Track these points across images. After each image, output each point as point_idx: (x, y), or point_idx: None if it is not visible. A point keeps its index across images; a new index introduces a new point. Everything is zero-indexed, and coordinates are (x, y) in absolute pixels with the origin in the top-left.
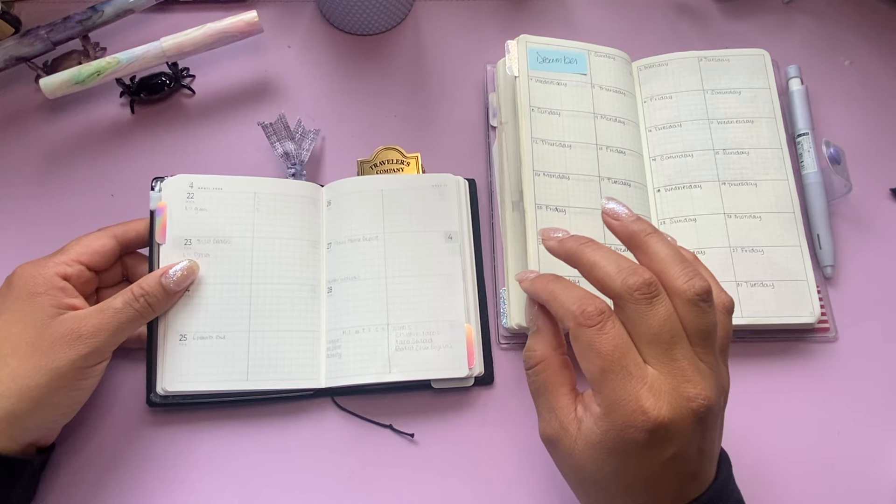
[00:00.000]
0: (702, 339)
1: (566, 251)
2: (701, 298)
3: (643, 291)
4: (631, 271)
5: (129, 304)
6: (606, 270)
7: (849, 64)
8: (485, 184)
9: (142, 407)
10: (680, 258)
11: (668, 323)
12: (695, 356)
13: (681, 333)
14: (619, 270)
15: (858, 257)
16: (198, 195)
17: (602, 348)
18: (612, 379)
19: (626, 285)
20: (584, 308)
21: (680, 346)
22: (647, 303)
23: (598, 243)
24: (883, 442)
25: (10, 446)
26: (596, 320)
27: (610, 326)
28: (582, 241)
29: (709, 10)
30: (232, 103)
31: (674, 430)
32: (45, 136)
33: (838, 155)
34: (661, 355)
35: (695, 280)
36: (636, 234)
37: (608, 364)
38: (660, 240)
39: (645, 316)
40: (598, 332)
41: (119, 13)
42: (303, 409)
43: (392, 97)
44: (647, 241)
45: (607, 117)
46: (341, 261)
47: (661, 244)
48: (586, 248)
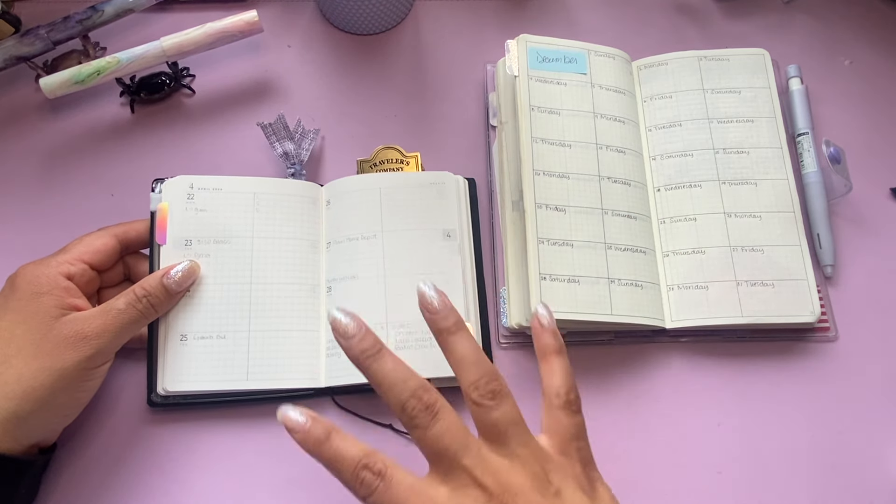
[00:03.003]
0: (496, 435)
1: (538, 346)
2: (484, 396)
3: (418, 414)
4: (410, 394)
5: (132, 304)
6: (392, 396)
7: (849, 64)
8: (485, 183)
9: (142, 407)
10: (475, 359)
11: (452, 434)
12: (485, 459)
13: (463, 444)
14: (398, 393)
15: (858, 257)
16: (198, 196)
17: (389, 502)
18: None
19: (406, 411)
20: (361, 471)
21: (465, 456)
22: (424, 420)
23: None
24: (883, 442)
25: (13, 447)
26: (378, 479)
27: (392, 479)
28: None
29: (709, 9)
30: (232, 103)
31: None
32: (45, 136)
33: (838, 154)
34: (447, 473)
35: (481, 380)
36: (441, 331)
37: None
38: (461, 339)
39: (427, 434)
40: (385, 489)
41: (119, 13)
42: None
43: (392, 97)
44: (448, 340)
45: (607, 117)
46: (340, 260)
47: (462, 343)
48: (372, 363)
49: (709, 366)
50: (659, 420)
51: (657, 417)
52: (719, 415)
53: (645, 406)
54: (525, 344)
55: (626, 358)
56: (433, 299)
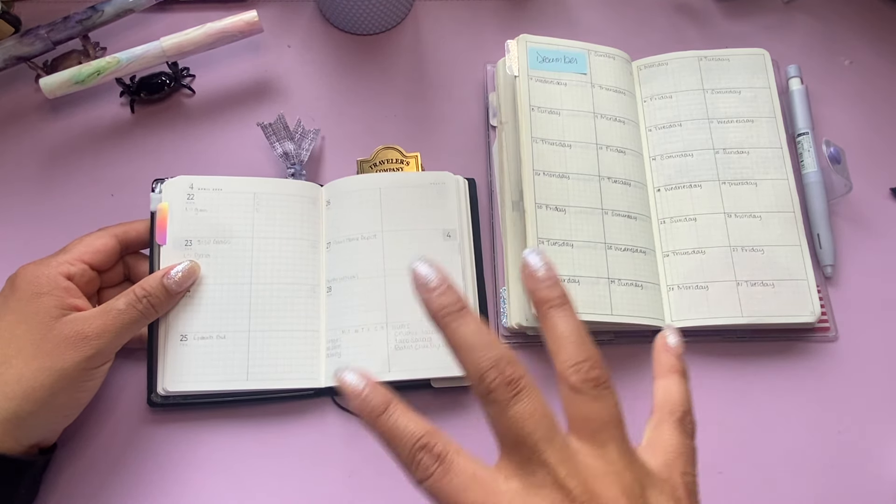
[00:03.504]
0: (591, 432)
1: (437, 309)
2: (589, 385)
3: (501, 389)
4: (492, 365)
5: (133, 304)
6: (466, 357)
7: (849, 64)
8: (485, 183)
9: (143, 407)
10: (579, 339)
11: (536, 418)
12: (572, 457)
13: (549, 433)
14: (475, 360)
15: (858, 257)
16: (198, 196)
17: (447, 490)
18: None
19: (484, 382)
20: (420, 453)
21: (549, 449)
22: (507, 402)
23: (467, 318)
24: (883, 442)
25: (13, 447)
26: (436, 464)
27: (453, 463)
28: (458, 308)
29: (709, 9)
30: (232, 103)
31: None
32: (45, 136)
33: (838, 154)
34: (523, 465)
35: (583, 364)
36: (543, 302)
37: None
38: (564, 315)
39: (504, 414)
40: (443, 474)
41: (119, 13)
42: (303, 408)
43: (392, 97)
44: (549, 313)
45: (607, 117)
46: (340, 260)
47: (564, 321)
48: (453, 325)
49: (709, 366)
50: None
51: None
52: (719, 415)
53: (645, 406)
54: (525, 344)
55: (626, 358)
56: (539, 267)
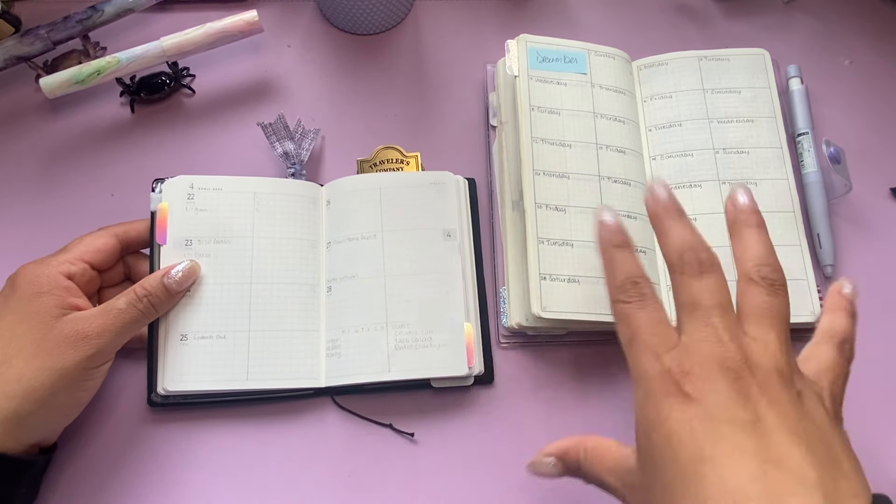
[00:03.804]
0: (759, 316)
1: (653, 212)
2: (766, 280)
3: (693, 265)
4: (689, 246)
5: (133, 304)
6: (671, 243)
7: (849, 64)
8: (485, 183)
9: (143, 407)
10: (768, 250)
11: (711, 292)
12: (740, 328)
13: (726, 304)
14: (681, 244)
15: (858, 257)
16: (198, 196)
17: (635, 320)
18: (637, 346)
19: (681, 258)
20: (624, 284)
21: (721, 314)
22: (694, 274)
23: (683, 215)
24: (883, 441)
25: (13, 447)
26: (633, 297)
27: (650, 304)
28: (671, 210)
29: (709, 9)
30: (232, 103)
31: (697, 389)
32: (45, 136)
33: (838, 154)
34: (697, 321)
35: (766, 266)
36: (737, 221)
37: (636, 332)
38: (758, 234)
39: (689, 285)
40: (637, 307)
41: (119, 13)
42: (303, 408)
43: (392, 97)
44: (742, 231)
45: (607, 117)
46: (340, 260)
47: (756, 237)
48: (667, 218)
49: None
50: None
51: None
52: None
53: None
54: (525, 344)
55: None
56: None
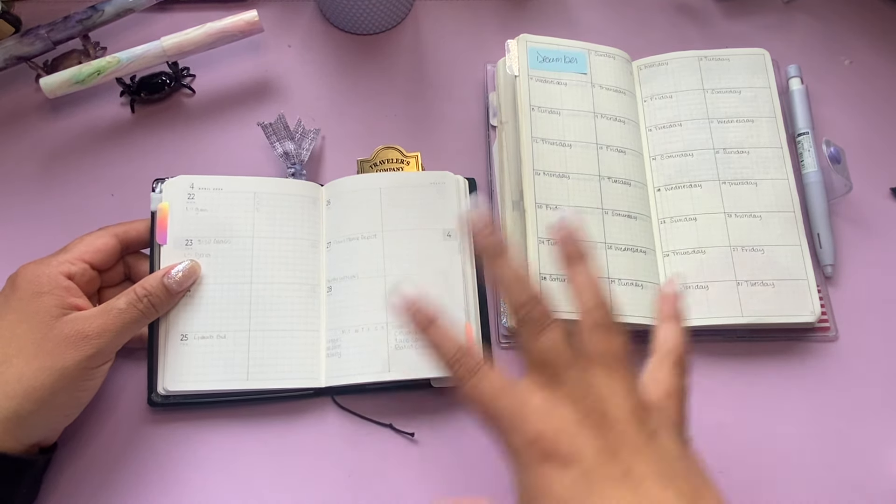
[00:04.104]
0: (602, 364)
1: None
2: (600, 327)
3: (532, 322)
4: (525, 303)
5: (133, 304)
6: (510, 296)
7: (849, 64)
8: (485, 183)
9: (143, 406)
10: (596, 291)
11: (550, 348)
12: (588, 380)
13: (564, 360)
14: (518, 298)
15: (858, 256)
16: (198, 196)
17: (481, 398)
18: (497, 423)
19: (519, 314)
20: (453, 361)
21: (568, 370)
22: (534, 333)
23: (510, 256)
24: (883, 442)
25: (14, 446)
26: (466, 372)
27: (483, 372)
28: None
29: (709, 9)
30: (232, 103)
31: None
32: (45, 136)
33: (838, 154)
34: (546, 381)
35: (596, 310)
36: (568, 256)
37: (490, 410)
38: (585, 272)
39: (531, 343)
40: (475, 383)
41: (119, 12)
42: (303, 408)
43: (392, 97)
44: (571, 271)
45: (607, 116)
46: (341, 260)
47: (585, 278)
48: (495, 262)
49: (709, 366)
50: None
51: None
52: (719, 415)
53: None
54: None
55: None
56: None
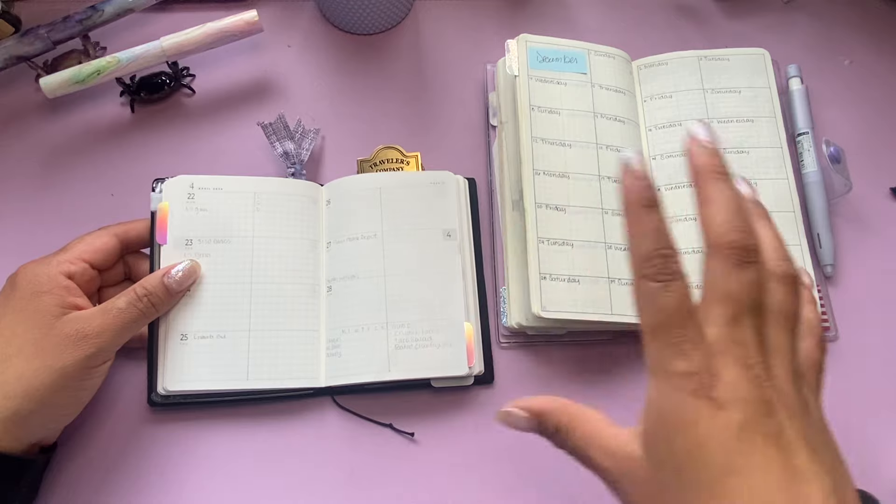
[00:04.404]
0: (777, 318)
1: (695, 167)
2: (786, 278)
3: (737, 253)
4: (737, 228)
5: (133, 304)
6: (714, 217)
7: (849, 64)
8: (485, 183)
9: (143, 406)
10: (780, 242)
11: (749, 289)
12: (763, 332)
13: (758, 306)
14: (726, 222)
15: (858, 256)
16: (198, 195)
17: (662, 305)
18: (661, 337)
19: (724, 239)
20: (651, 257)
21: (752, 318)
22: (736, 263)
23: (730, 180)
24: (883, 442)
25: (14, 446)
26: (662, 275)
27: (676, 287)
28: (718, 172)
29: (709, 9)
30: (232, 103)
31: (727, 396)
32: (45, 136)
33: (838, 154)
34: (728, 320)
35: (784, 261)
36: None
37: (662, 321)
38: (768, 224)
39: (729, 277)
40: (663, 289)
41: (119, 12)
42: (303, 408)
43: (392, 97)
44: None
45: (607, 116)
46: (341, 260)
47: (768, 227)
48: (713, 181)
49: None
50: None
51: None
52: None
53: None
54: (525, 344)
55: (625, 358)
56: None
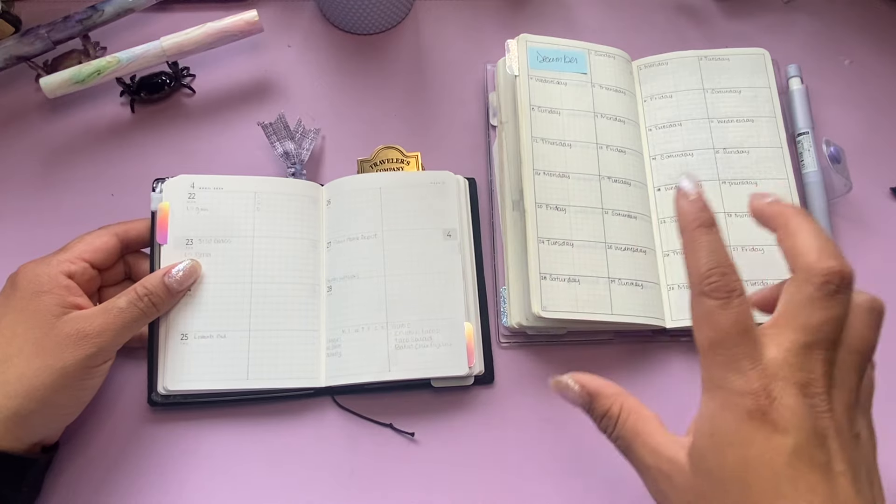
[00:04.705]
0: (852, 351)
1: (773, 212)
2: (875, 312)
3: (831, 281)
4: (831, 255)
5: (134, 303)
6: (808, 243)
7: (849, 63)
8: (485, 183)
9: (143, 406)
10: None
11: (832, 324)
12: (832, 365)
13: (836, 339)
14: (820, 249)
15: (858, 256)
16: (199, 195)
17: (720, 322)
18: (720, 354)
19: (818, 266)
20: (710, 275)
21: (827, 349)
22: (826, 294)
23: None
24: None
25: (15, 446)
26: (720, 293)
27: (737, 304)
28: (796, 209)
29: (709, 9)
30: (232, 103)
31: (784, 420)
32: (45, 136)
33: (838, 154)
34: (800, 345)
35: (875, 299)
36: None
37: (721, 338)
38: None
39: (814, 306)
40: (722, 306)
41: (119, 12)
42: (303, 408)
43: (392, 97)
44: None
45: (607, 116)
46: (341, 259)
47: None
48: (797, 217)
49: None
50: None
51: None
52: None
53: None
54: (525, 343)
55: (626, 358)
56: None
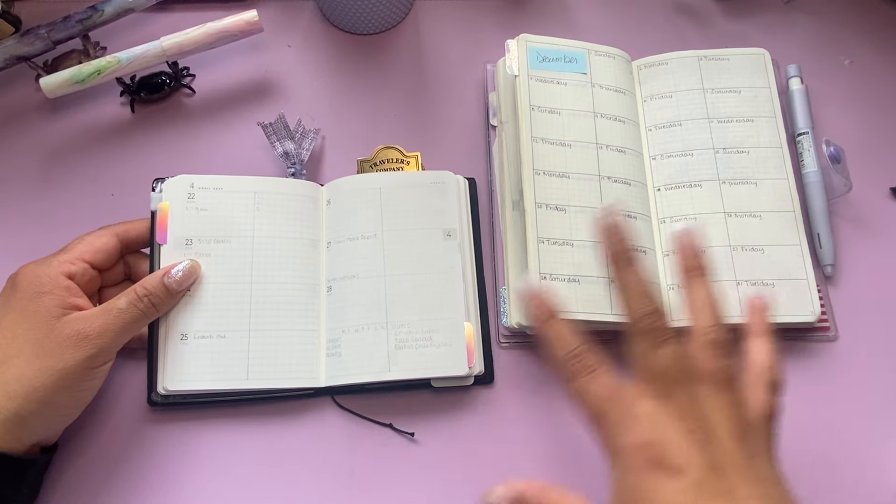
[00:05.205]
0: (713, 381)
1: (613, 255)
2: (714, 345)
3: (653, 332)
4: (649, 312)
5: (134, 304)
6: (628, 302)
7: (849, 63)
8: (485, 183)
9: (143, 406)
10: (712, 306)
11: (672, 363)
12: (699, 397)
13: (685, 378)
14: (634, 300)
15: (858, 256)
16: (198, 195)
17: (590, 396)
18: (603, 423)
19: (639, 322)
20: (567, 359)
21: (682, 385)
22: (654, 344)
23: (639, 265)
24: (883, 442)
25: (15, 446)
26: (581, 371)
27: (598, 373)
28: (626, 258)
29: (709, 9)
30: (232, 103)
31: (680, 460)
32: (45, 136)
33: (838, 154)
34: (658, 392)
35: (713, 329)
36: (687, 269)
37: (598, 409)
38: (702, 286)
39: (647, 355)
40: (586, 382)
41: (119, 12)
42: (303, 408)
43: (392, 97)
44: (691, 281)
45: (607, 116)
46: (341, 259)
47: (701, 290)
48: (623, 270)
49: None
50: None
51: None
52: None
53: None
54: (525, 343)
55: (626, 358)
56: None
